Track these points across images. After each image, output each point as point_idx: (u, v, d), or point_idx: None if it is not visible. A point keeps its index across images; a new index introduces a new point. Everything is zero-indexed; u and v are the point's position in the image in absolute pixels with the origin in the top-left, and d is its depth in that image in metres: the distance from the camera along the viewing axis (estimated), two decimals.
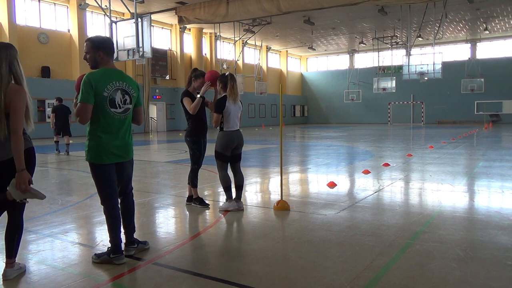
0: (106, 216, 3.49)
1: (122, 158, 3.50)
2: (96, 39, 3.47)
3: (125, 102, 3.43)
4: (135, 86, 3.56)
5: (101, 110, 3.33)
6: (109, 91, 3.34)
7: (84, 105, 3.26)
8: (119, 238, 3.49)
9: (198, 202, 5.55)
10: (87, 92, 3.25)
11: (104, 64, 3.43)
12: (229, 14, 18.34)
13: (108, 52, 3.44)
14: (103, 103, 3.32)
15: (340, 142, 17.92)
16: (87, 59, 3.46)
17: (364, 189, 6.77)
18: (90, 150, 3.42)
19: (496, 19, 30.68)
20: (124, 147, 3.50)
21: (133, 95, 3.51)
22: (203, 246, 3.97)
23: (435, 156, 11.26)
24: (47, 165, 10.71)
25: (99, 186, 3.47)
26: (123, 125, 3.47)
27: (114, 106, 3.37)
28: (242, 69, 35.78)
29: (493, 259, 3.46)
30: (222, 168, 5.33)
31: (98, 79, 3.31)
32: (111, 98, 3.34)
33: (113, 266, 3.38)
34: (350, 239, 4.04)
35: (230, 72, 5.34)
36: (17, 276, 3.18)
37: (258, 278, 3.14)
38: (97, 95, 3.29)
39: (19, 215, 3.19)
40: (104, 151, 3.39)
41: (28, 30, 22.70)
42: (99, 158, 3.40)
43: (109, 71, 3.40)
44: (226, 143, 5.23)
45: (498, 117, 37.12)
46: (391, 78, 35.02)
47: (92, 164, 3.44)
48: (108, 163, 3.42)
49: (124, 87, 3.44)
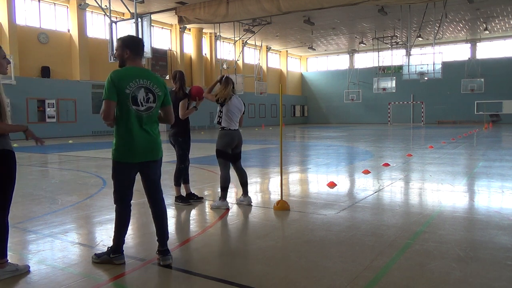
0: (116, 216, 3.47)
1: (148, 157, 3.44)
2: (125, 38, 3.50)
3: (148, 100, 3.40)
4: (161, 85, 3.50)
5: (125, 108, 3.32)
6: (131, 88, 3.31)
7: (107, 102, 3.26)
8: (122, 239, 3.47)
9: (180, 201, 5.68)
10: (110, 90, 3.25)
11: (130, 63, 3.43)
12: (229, 14, 18.34)
13: (135, 51, 3.43)
14: (125, 101, 3.30)
15: (340, 142, 17.92)
16: (115, 57, 3.50)
17: (364, 189, 6.77)
18: (117, 149, 3.38)
19: (496, 19, 30.68)
20: (150, 145, 3.44)
21: (158, 94, 3.46)
22: (203, 246, 3.97)
23: (435, 156, 11.26)
24: (47, 165, 10.71)
25: (115, 185, 3.45)
26: (148, 123, 3.42)
27: (136, 104, 3.34)
28: (242, 69, 35.77)
29: (493, 259, 3.46)
30: (225, 166, 5.41)
31: (121, 76, 3.30)
32: (133, 95, 3.32)
33: (113, 266, 3.37)
34: (350, 239, 4.04)
35: (227, 75, 5.56)
36: (17, 276, 3.18)
37: (258, 278, 3.14)
38: (120, 93, 3.27)
39: (2, 216, 3.17)
40: (131, 149, 3.35)
41: (28, 30, 22.70)
42: (123, 156, 3.36)
43: (133, 69, 3.40)
44: (227, 141, 5.36)
45: (498, 117, 37.11)
46: (391, 78, 35.01)
47: (115, 162, 3.41)
48: (133, 162, 3.38)
49: (148, 85, 3.40)
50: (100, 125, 25.05)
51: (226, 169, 5.40)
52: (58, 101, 23.11)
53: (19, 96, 20.75)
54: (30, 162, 11.06)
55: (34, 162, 11.14)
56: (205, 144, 16.66)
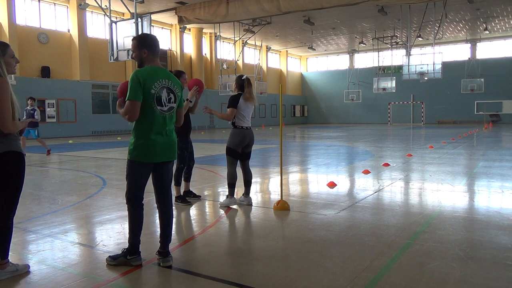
0: (130, 217, 3.43)
1: (167, 157, 3.45)
2: (140, 37, 3.46)
3: (169, 100, 3.40)
4: (179, 85, 3.52)
5: (149, 108, 3.29)
6: (156, 88, 3.30)
7: (133, 102, 3.23)
8: (138, 239, 3.43)
9: (180, 200, 5.69)
10: (136, 89, 3.22)
11: (149, 62, 3.40)
12: (229, 14, 18.34)
13: (153, 50, 3.40)
14: (150, 101, 3.28)
15: (340, 142, 17.92)
16: (133, 58, 3.45)
17: (364, 189, 6.77)
18: (136, 149, 3.33)
19: (496, 19, 30.68)
20: (169, 145, 3.45)
21: (178, 94, 3.48)
22: (203, 246, 3.97)
23: (435, 156, 11.26)
24: (47, 165, 10.71)
25: (130, 184, 3.41)
26: (169, 124, 3.43)
27: (160, 104, 3.34)
28: (242, 69, 35.77)
29: (493, 259, 3.46)
30: (232, 164, 5.47)
31: (146, 76, 3.28)
32: (157, 95, 3.31)
33: (113, 266, 3.37)
34: (350, 239, 4.04)
35: (247, 76, 5.52)
36: (17, 276, 3.18)
37: (258, 278, 3.14)
38: (145, 93, 3.25)
39: (7, 216, 3.17)
40: (151, 149, 3.33)
41: (28, 30, 22.71)
42: (142, 156, 3.33)
43: (155, 69, 3.37)
44: (238, 140, 5.41)
45: (498, 117, 37.12)
46: (391, 78, 34.99)
47: (132, 161, 3.36)
48: (153, 162, 3.37)
49: (170, 85, 3.41)
50: (101, 125, 25.15)
51: (233, 166, 5.47)
52: (58, 101, 23.12)
53: (19, 96, 20.23)
54: (30, 162, 11.05)
55: (34, 162, 11.13)
56: (205, 144, 16.66)
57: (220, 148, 14.59)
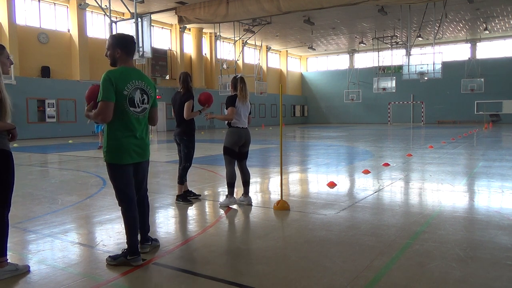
0: (124, 218, 3.44)
1: (141, 157, 3.48)
2: (116, 36, 3.44)
3: (143, 101, 3.40)
4: (153, 86, 3.53)
5: (121, 109, 3.29)
6: (129, 90, 3.29)
7: (106, 103, 3.20)
8: (137, 239, 3.45)
9: (181, 199, 5.74)
10: (108, 90, 3.20)
11: (122, 63, 3.38)
12: (229, 14, 18.34)
13: (127, 50, 3.38)
14: (122, 102, 3.27)
15: (340, 142, 17.92)
16: (107, 56, 3.43)
17: (364, 189, 6.77)
18: (109, 151, 3.34)
19: (496, 19, 30.68)
20: (142, 146, 3.47)
21: (151, 95, 3.49)
22: (203, 246, 3.97)
23: (435, 156, 11.26)
24: (47, 165, 10.71)
25: (117, 187, 3.41)
26: (141, 125, 3.44)
27: (133, 106, 3.33)
28: (242, 69, 35.77)
29: (493, 259, 3.46)
30: (230, 163, 5.50)
31: (118, 77, 3.26)
32: (130, 97, 3.30)
33: (113, 266, 3.37)
34: (350, 239, 4.04)
35: (241, 75, 5.58)
36: (17, 276, 3.18)
37: (258, 278, 3.14)
38: (118, 94, 3.24)
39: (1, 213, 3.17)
40: (125, 151, 3.34)
41: (28, 30, 22.70)
42: (119, 158, 3.34)
43: (128, 70, 3.36)
44: (235, 139, 5.44)
45: (498, 117, 37.12)
46: (391, 78, 35.00)
47: (112, 164, 3.37)
48: (128, 163, 3.38)
49: (143, 86, 3.41)
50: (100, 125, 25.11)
51: (231, 166, 5.51)
52: (58, 101, 23.11)
53: (19, 96, 20.74)
54: (30, 162, 11.06)
55: (34, 162, 11.13)
56: (205, 144, 16.66)
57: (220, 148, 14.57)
